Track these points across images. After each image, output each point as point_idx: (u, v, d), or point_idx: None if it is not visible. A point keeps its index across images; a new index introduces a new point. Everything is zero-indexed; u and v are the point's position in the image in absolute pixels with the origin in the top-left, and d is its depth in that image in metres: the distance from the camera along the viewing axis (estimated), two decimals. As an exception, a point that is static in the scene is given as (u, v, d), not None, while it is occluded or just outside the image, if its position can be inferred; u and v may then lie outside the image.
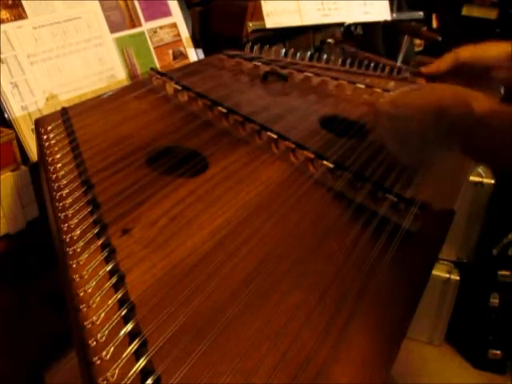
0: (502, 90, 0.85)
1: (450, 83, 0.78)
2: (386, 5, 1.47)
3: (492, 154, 0.55)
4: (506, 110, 0.52)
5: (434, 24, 2.33)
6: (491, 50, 0.75)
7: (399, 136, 0.62)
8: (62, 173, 0.62)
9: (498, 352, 1.58)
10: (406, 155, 0.63)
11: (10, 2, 0.83)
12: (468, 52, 0.76)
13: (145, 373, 0.39)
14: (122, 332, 0.42)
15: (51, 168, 0.63)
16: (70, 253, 0.49)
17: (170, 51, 1.07)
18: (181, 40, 1.09)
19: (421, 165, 0.64)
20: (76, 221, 0.54)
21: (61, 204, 0.56)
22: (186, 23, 1.11)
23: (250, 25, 1.15)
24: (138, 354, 0.40)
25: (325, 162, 0.67)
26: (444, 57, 0.79)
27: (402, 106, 0.62)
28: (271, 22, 1.17)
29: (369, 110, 0.86)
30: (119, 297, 0.45)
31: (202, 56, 1.12)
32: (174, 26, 1.08)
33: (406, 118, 0.60)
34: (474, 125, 0.53)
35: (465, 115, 0.54)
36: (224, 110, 0.78)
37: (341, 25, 1.40)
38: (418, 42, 2.01)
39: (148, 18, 1.03)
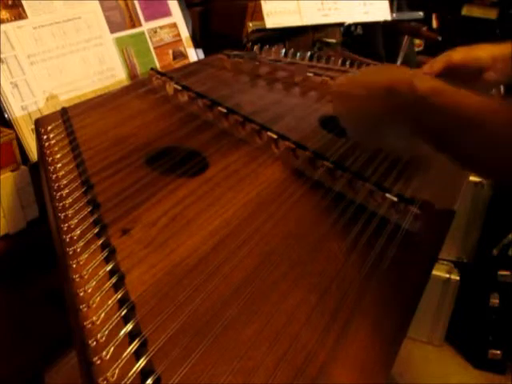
0: (502, 90, 0.86)
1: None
2: (386, 5, 1.47)
3: (437, 136, 0.54)
4: (448, 89, 0.53)
5: (434, 24, 2.33)
6: (484, 52, 0.75)
7: (353, 114, 0.64)
8: (62, 173, 0.62)
9: (498, 352, 1.57)
10: (361, 134, 0.65)
11: (9, 2, 0.83)
12: (461, 53, 0.77)
13: (145, 373, 0.39)
14: (122, 332, 0.42)
15: (51, 168, 0.63)
16: (70, 253, 0.49)
17: (170, 51, 1.07)
18: (181, 40, 1.09)
19: (378, 145, 0.65)
20: (76, 221, 0.54)
21: (61, 204, 0.56)
22: (186, 23, 1.10)
23: (250, 25, 1.15)
24: (137, 354, 0.40)
25: (325, 162, 0.67)
26: (437, 58, 0.79)
27: (355, 85, 0.64)
28: (271, 22, 1.17)
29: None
30: (119, 297, 0.45)
31: (201, 56, 1.12)
32: (174, 26, 1.08)
33: (358, 96, 0.62)
34: (416, 103, 0.54)
35: (408, 93, 0.55)
36: (224, 110, 0.78)
37: (341, 25, 1.40)
38: (417, 42, 2.01)
39: (148, 18, 1.03)
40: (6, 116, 0.79)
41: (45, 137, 0.69)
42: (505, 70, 0.74)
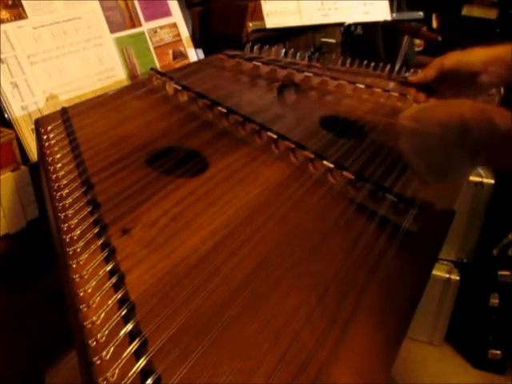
0: (502, 91, 0.85)
1: (438, 90, 0.79)
2: (386, 5, 1.47)
3: None
4: None
5: (434, 24, 2.33)
6: (476, 55, 0.75)
7: (422, 152, 0.61)
8: (62, 173, 0.62)
9: (498, 352, 1.57)
10: (429, 171, 0.62)
11: (10, 2, 0.83)
12: (453, 58, 0.77)
13: (145, 373, 0.39)
14: (122, 332, 0.42)
15: (51, 168, 0.63)
16: (70, 253, 0.49)
17: (170, 51, 1.07)
18: (181, 40, 1.09)
19: (443, 180, 0.63)
20: (76, 221, 0.54)
21: (61, 204, 0.56)
22: (186, 23, 1.11)
23: (250, 25, 1.15)
24: (138, 354, 0.40)
25: (325, 162, 0.67)
26: (430, 65, 0.80)
27: (424, 121, 0.61)
28: (271, 22, 1.17)
29: (372, 110, 0.86)
30: (119, 297, 0.45)
31: (201, 56, 1.12)
32: (174, 26, 1.08)
33: (429, 134, 0.60)
34: (499, 140, 0.53)
35: (489, 131, 0.54)
36: (224, 110, 0.78)
37: (341, 25, 1.40)
38: (417, 42, 2.01)
39: (148, 18, 1.03)
40: (6, 116, 0.79)
41: (45, 137, 0.69)
42: (498, 73, 0.74)
